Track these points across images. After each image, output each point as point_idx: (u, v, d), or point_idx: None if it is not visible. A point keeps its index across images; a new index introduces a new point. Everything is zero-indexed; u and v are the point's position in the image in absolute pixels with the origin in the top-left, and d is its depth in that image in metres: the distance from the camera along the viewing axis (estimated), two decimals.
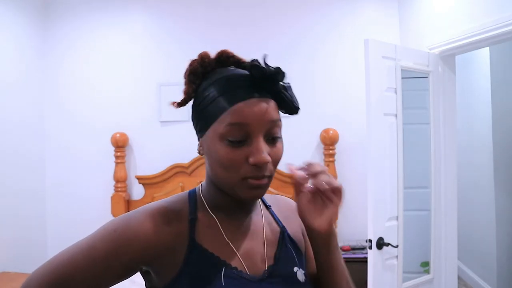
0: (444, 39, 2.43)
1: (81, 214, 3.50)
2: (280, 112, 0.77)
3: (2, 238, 3.03)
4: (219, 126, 0.73)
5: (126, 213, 0.79)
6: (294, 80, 3.45)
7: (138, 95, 3.46)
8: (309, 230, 0.78)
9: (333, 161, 3.19)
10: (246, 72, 0.76)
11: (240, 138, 0.72)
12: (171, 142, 3.42)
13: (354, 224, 3.25)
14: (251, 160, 0.71)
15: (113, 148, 3.37)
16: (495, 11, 1.99)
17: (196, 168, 3.31)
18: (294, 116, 0.79)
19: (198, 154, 0.80)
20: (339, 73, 3.31)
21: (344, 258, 3.12)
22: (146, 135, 3.46)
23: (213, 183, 0.79)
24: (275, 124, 0.74)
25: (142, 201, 3.38)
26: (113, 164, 3.38)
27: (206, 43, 3.38)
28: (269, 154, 0.73)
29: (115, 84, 3.48)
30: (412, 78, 2.64)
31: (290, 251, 0.84)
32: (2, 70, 3.09)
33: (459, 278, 3.10)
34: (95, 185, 3.48)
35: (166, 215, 0.76)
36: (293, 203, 0.90)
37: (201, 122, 0.77)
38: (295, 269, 0.82)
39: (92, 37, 3.51)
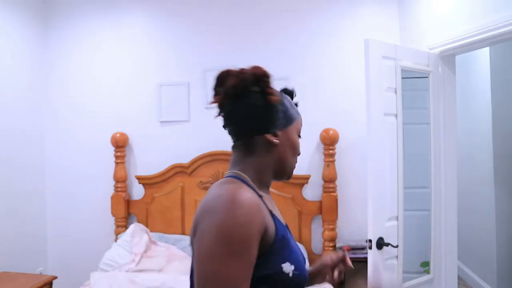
0: (444, 39, 2.43)
1: (81, 214, 3.50)
2: None
3: (2, 238, 3.04)
4: (298, 125, 1.06)
5: (231, 193, 0.86)
6: (294, 80, 3.49)
7: (138, 95, 3.46)
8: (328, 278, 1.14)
9: (333, 161, 3.19)
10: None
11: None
12: (171, 142, 3.42)
13: (354, 224, 3.25)
14: (300, 151, 1.09)
15: (113, 148, 3.37)
16: (495, 11, 1.99)
17: (196, 168, 3.31)
18: None
19: (198, 154, 0.93)
20: (339, 73, 3.31)
21: None
22: (146, 135, 3.46)
23: (270, 168, 1.02)
24: None
25: (142, 201, 3.39)
26: (113, 164, 3.38)
27: (207, 44, 3.40)
28: None
29: (115, 84, 3.49)
30: (412, 78, 2.64)
31: None
32: (2, 71, 3.09)
33: (459, 278, 3.10)
34: (95, 185, 3.48)
35: (252, 192, 0.90)
36: None
37: (284, 120, 1.02)
38: None
39: (92, 37, 3.51)
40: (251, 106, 0.97)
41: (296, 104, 1.10)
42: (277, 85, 1.08)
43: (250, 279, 0.82)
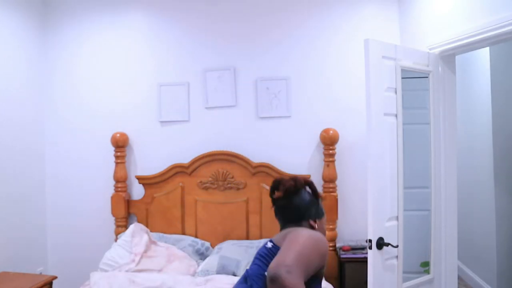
0: (444, 39, 2.42)
1: (81, 214, 3.51)
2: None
3: (3, 238, 3.04)
4: (325, 219, 1.54)
5: (314, 236, 1.32)
6: (294, 80, 3.48)
7: (138, 95, 3.46)
8: None
9: (333, 161, 3.19)
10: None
11: None
12: (171, 142, 3.42)
13: (354, 224, 3.25)
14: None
15: (113, 148, 3.37)
16: (495, 11, 1.99)
17: (196, 168, 3.31)
18: (295, 116, 0.98)
19: (198, 154, 0.97)
20: (339, 73, 3.31)
21: (344, 258, 3.13)
22: (146, 135, 3.46)
23: None
24: None
25: (142, 201, 3.39)
26: (113, 164, 3.38)
27: (206, 44, 3.40)
28: None
29: (115, 84, 3.49)
30: (412, 78, 2.64)
31: None
32: (3, 70, 3.09)
33: (459, 278, 3.10)
34: (95, 185, 3.48)
35: None
36: None
37: (321, 213, 1.51)
38: None
39: (92, 37, 3.51)
40: (304, 200, 1.46)
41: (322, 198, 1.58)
42: (276, 85, 1.08)
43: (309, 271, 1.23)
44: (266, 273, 1.21)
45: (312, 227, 1.43)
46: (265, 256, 1.35)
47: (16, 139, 3.22)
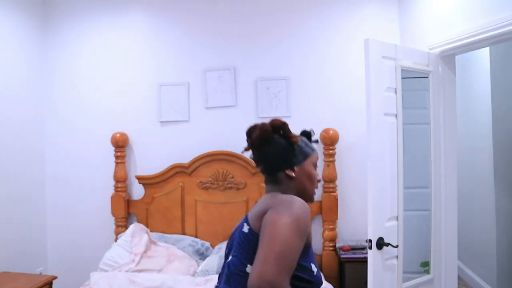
0: (444, 39, 2.42)
1: (81, 214, 3.51)
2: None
3: (3, 238, 3.04)
4: (312, 159, 1.33)
5: (290, 206, 1.16)
6: (294, 80, 3.48)
7: (138, 95, 3.46)
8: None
9: (333, 161, 3.19)
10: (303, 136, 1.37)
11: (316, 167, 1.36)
12: (171, 142, 3.42)
13: (354, 224, 3.25)
14: (319, 178, 1.38)
15: (113, 148, 3.37)
16: (495, 11, 1.99)
17: (196, 168, 3.31)
18: (295, 116, 1.02)
19: (198, 154, 0.97)
20: (339, 73, 3.31)
21: (344, 258, 3.13)
22: (146, 135, 3.46)
23: (297, 194, 1.26)
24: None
25: (142, 201, 3.39)
26: (113, 164, 3.38)
27: (206, 44, 3.40)
28: None
29: (115, 84, 3.49)
30: (412, 78, 2.64)
31: None
32: (3, 70, 3.09)
33: (459, 278, 3.10)
34: (95, 185, 3.48)
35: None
36: None
37: (301, 157, 1.30)
38: None
39: (92, 37, 3.51)
40: (274, 150, 1.27)
41: (317, 141, 1.42)
42: (276, 85, 1.09)
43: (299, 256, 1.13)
44: (247, 270, 1.16)
45: (290, 178, 1.27)
46: (243, 244, 1.21)
47: (16, 139, 3.22)
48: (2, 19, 3.10)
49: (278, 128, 1.28)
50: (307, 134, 1.38)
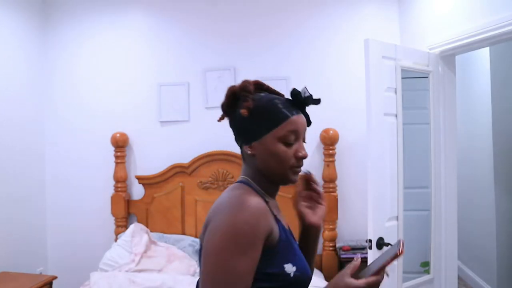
0: (444, 39, 2.43)
1: (81, 214, 3.50)
2: None
3: (3, 238, 3.04)
4: (279, 132, 1.01)
5: (236, 204, 0.94)
6: (294, 80, 3.48)
7: (138, 95, 3.46)
8: (308, 225, 1.15)
9: (333, 161, 3.19)
10: (284, 97, 1.09)
11: (293, 140, 1.02)
12: (171, 142, 3.42)
13: (354, 224, 3.25)
14: (299, 154, 1.03)
15: (113, 148, 3.37)
16: (495, 11, 1.99)
17: (196, 168, 3.31)
18: None
19: (198, 154, 0.95)
20: (339, 73, 3.31)
21: (344, 258, 3.11)
22: (146, 135, 3.46)
23: (264, 175, 1.05)
24: (306, 131, 1.07)
25: (142, 201, 3.39)
26: (113, 164, 3.38)
27: (206, 44, 3.39)
28: None
29: (115, 84, 3.49)
30: (412, 78, 2.64)
31: None
32: (3, 70, 3.09)
33: (459, 278, 3.10)
34: (95, 185, 3.48)
35: (258, 197, 0.99)
36: None
37: (257, 131, 1.02)
38: None
39: (92, 37, 3.51)
40: (234, 120, 1.08)
41: (315, 101, 1.08)
42: (276, 85, 1.10)
43: (253, 275, 0.90)
44: None
45: (252, 155, 1.03)
46: (199, 263, 1.00)
47: (16, 139, 3.22)
48: (2, 19, 3.10)
49: (236, 94, 1.07)
50: (295, 95, 1.07)
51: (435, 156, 2.56)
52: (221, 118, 1.12)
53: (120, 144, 3.35)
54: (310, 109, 1.12)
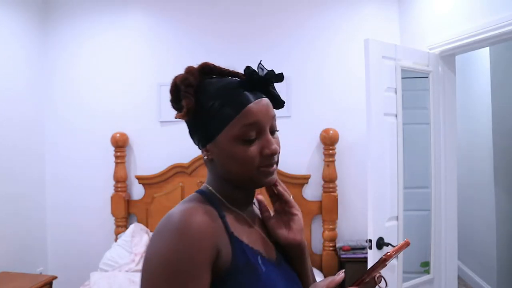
0: (444, 39, 2.43)
1: (81, 214, 3.50)
2: None
3: (3, 238, 3.04)
4: (233, 129, 0.81)
5: (171, 221, 0.77)
6: (294, 80, 3.47)
7: (138, 95, 3.46)
8: (286, 244, 0.91)
9: (333, 161, 3.19)
10: (237, 79, 0.87)
11: (254, 136, 0.83)
12: (171, 142, 3.42)
13: (354, 224, 3.25)
14: (266, 151, 0.83)
15: (113, 148, 3.37)
16: (495, 11, 1.99)
17: (196, 168, 3.31)
18: (295, 116, 0.88)
19: (198, 154, 0.88)
20: (339, 73, 3.31)
21: (344, 258, 3.11)
22: (146, 135, 3.46)
23: (226, 181, 0.87)
24: (275, 119, 0.87)
25: (142, 201, 3.39)
26: (113, 164, 3.38)
27: (207, 43, 3.39)
28: None
29: (115, 84, 3.49)
30: (412, 78, 2.64)
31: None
32: (3, 71, 3.09)
33: (459, 278, 3.10)
34: (95, 185, 3.48)
35: (206, 213, 0.79)
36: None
37: (209, 131, 0.83)
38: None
39: (92, 37, 3.51)
40: (187, 122, 0.89)
41: (271, 75, 0.88)
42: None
43: None
44: None
45: (210, 160, 0.86)
46: None
47: (16, 139, 3.21)
48: (2, 19, 3.10)
49: (177, 85, 0.86)
50: (249, 75, 0.86)
51: (435, 156, 2.56)
52: (178, 115, 0.88)
53: (120, 144, 3.35)
54: (309, 109, 1.08)
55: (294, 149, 3.30)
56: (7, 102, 3.13)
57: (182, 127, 3.66)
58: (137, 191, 3.46)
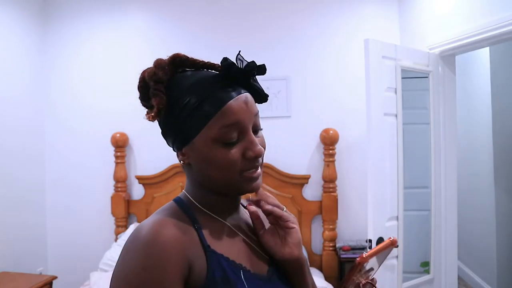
0: (444, 39, 2.43)
1: (81, 214, 3.50)
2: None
3: (3, 238, 3.04)
4: (211, 131, 0.73)
5: (135, 243, 0.69)
6: (294, 80, 3.47)
7: (138, 95, 3.45)
8: (282, 260, 0.81)
9: (333, 161, 3.19)
10: (214, 72, 0.79)
11: (236, 137, 0.74)
12: None
13: (354, 224, 3.25)
14: (250, 154, 0.74)
15: (113, 148, 3.37)
16: (495, 11, 1.99)
17: None
18: (295, 116, 0.84)
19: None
20: (339, 73, 3.31)
21: (344, 258, 3.11)
22: (146, 135, 3.45)
23: (205, 187, 0.79)
24: (258, 116, 0.78)
25: (142, 201, 3.39)
26: (113, 164, 3.38)
27: (207, 43, 3.39)
28: None
29: (115, 84, 3.48)
30: (412, 78, 2.65)
31: None
32: (3, 71, 3.09)
33: (459, 278, 3.10)
34: (95, 185, 3.48)
35: (177, 225, 0.72)
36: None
37: (184, 133, 0.75)
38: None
39: (92, 37, 3.51)
40: (160, 123, 0.82)
41: (251, 66, 0.81)
42: (276, 84, 1.00)
43: None
44: None
45: (187, 164, 0.80)
46: None
47: (16, 139, 3.21)
48: (1, 19, 3.10)
49: (146, 82, 0.81)
50: (227, 68, 0.80)
51: (435, 156, 2.56)
52: (148, 116, 0.82)
53: (120, 144, 3.35)
54: (309, 109, 1.03)
55: (294, 149, 3.30)
56: (6, 102, 3.12)
57: None
58: (137, 191, 3.46)
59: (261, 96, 0.80)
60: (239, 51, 0.81)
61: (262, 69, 0.80)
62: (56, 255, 3.54)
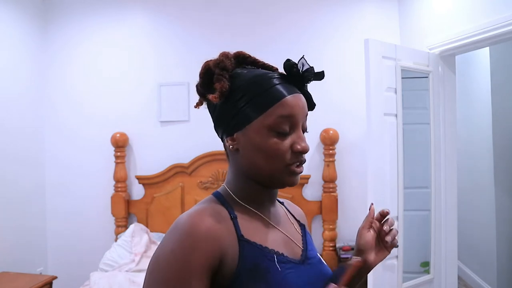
0: (444, 39, 2.43)
1: (81, 214, 3.50)
2: None
3: (3, 238, 3.03)
4: (268, 118, 0.78)
5: (175, 229, 0.75)
6: None
7: (138, 95, 3.46)
8: (364, 259, 0.91)
9: (333, 161, 3.19)
10: (272, 71, 0.86)
11: (288, 129, 0.79)
12: (171, 142, 3.42)
13: (354, 224, 3.25)
14: (297, 147, 0.79)
15: (113, 148, 3.37)
16: (495, 11, 1.99)
17: (196, 168, 3.31)
18: None
19: (198, 154, 0.85)
20: (339, 73, 3.31)
21: (344, 258, 3.12)
22: (146, 135, 3.46)
23: (247, 176, 0.83)
24: (307, 117, 0.84)
25: (142, 201, 3.39)
26: (113, 164, 3.38)
27: (207, 43, 3.39)
28: None
29: (115, 84, 3.48)
30: (412, 78, 2.64)
31: (310, 240, 0.95)
32: (3, 71, 3.09)
33: (459, 278, 3.10)
34: (95, 185, 3.48)
35: (215, 215, 0.77)
36: (299, 209, 1.03)
37: (240, 118, 0.80)
38: (318, 254, 0.93)
39: (92, 37, 3.51)
40: (211, 105, 0.86)
41: (311, 72, 0.84)
42: None
43: None
44: None
45: (235, 150, 0.82)
46: None
47: (16, 139, 3.21)
48: (2, 19, 3.10)
49: (211, 72, 0.85)
50: (290, 68, 0.85)
51: (435, 156, 2.56)
52: (198, 104, 0.88)
53: (120, 144, 3.35)
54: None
55: None
56: (6, 102, 3.12)
57: (182, 127, 3.68)
58: (137, 191, 3.46)
59: (310, 104, 0.86)
60: (303, 56, 0.86)
61: (320, 76, 0.85)
62: (56, 255, 3.54)
